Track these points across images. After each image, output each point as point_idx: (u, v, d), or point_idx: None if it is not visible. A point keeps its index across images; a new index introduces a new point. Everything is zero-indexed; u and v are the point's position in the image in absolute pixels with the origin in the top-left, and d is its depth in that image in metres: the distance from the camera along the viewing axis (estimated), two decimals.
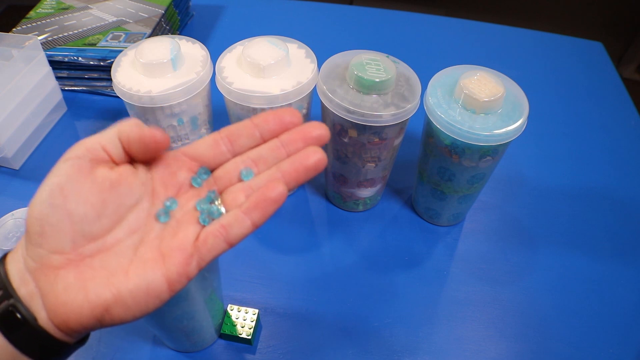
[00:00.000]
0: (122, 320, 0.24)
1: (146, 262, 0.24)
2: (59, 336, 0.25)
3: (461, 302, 0.54)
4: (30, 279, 0.24)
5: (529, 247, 0.59)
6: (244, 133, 0.27)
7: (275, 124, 0.27)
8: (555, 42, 0.91)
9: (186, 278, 0.24)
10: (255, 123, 0.27)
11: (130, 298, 0.24)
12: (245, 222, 0.25)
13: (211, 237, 0.25)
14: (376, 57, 0.50)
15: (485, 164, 0.50)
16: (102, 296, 0.24)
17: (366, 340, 0.50)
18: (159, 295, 0.24)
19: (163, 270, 0.24)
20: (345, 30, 0.91)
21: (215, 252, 0.25)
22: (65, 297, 0.24)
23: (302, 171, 0.26)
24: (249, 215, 0.25)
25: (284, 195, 0.25)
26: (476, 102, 0.47)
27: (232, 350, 0.49)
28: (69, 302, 0.24)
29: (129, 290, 0.24)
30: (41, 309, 0.24)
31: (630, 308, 0.54)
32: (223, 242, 0.25)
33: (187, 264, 0.24)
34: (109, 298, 0.24)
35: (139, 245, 0.25)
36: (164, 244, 0.25)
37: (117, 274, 0.24)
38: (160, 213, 0.26)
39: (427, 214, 0.60)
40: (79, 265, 0.24)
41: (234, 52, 0.54)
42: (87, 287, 0.24)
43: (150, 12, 0.79)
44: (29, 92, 0.64)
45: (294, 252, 0.58)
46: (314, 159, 0.26)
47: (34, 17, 0.78)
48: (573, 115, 0.76)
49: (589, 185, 0.66)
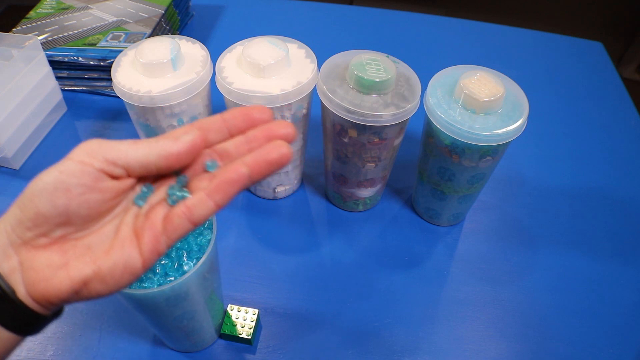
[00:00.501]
0: (98, 294, 0.26)
1: (124, 241, 0.26)
2: (37, 309, 0.26)
3: (461, 302, 0.54)
4: (14, 253, 0.25)
5: (529, 247, 0.59)
6: (214, 128, 0.28)
7: (243, 120, 0.28)
8: (555, 42, 0.91)
9: (157, 255, 0.26)
10: (225, 119, 0.28)
11: (108, 274, 0.25)
12: (208, 204, 0.26)
13: (176, 217, 0.26)
14: (376, 57, 0.50)
15: (485, 164, 0.50)
16: (83, 272, 0.25)
17: (366, 340, 0.50)
18: (133, 271, 0.26)
19: (138, 248, 0.26)
20: (345, 30, 0.91)
21: (181, 231, 0.26)
22: (48, 273, 0.25)
23: (264, 165, 0.26)
24: (211, 197, 0.26)
25: (244, 176, 0.26)
26: (476, 102, 0.47)
27: (232, 350, 0.49)
28: (51, 278, 0.25)
29: (108, 267, 0.25)
30: (20, 284, 0.25)
31: (630, 308, 0.54)
32: (187, 221, 0.26)
33: (158, 242, 0.26)
34: (89, 274, 0.25)
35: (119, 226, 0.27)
36: (138, 224, 0.27)
37: (97, 252, 0.26)
38: (137, 198, 0.27)
39: (427, 214, 0.60)
40: (63, 246, 0.26)
41: (234, 52, 0.54)
42: (70, 264, 0.25)
43: (150, 12, 0.79)
44: (29, 92, 0.64)
45: (294, 252, 0.58)
46: (277, 154, 0.26)
47: (34, 17, 0.78)
48: (573, 115, 0.76)
49: (589, 185, 0.66)
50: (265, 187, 0.62)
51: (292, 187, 0.63)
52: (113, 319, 0.51)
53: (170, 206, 0.27)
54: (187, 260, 0.37)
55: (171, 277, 0.36)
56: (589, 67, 0.86)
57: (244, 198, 0.63)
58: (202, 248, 0.38)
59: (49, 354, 0.48)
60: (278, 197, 0.63)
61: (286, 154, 0.26)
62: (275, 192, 0.62)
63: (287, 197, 0.64)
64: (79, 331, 0.50)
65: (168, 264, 0.36)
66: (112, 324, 0.50)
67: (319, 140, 0.60)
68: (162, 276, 0.36)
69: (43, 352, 0.48)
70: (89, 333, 0.50)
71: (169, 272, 0.36)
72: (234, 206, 0.62)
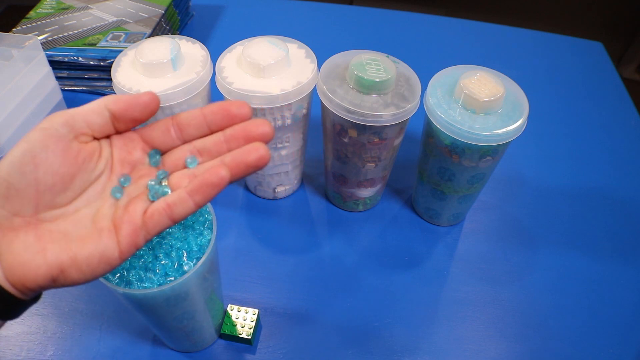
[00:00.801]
0: (74, 282, 0.26)
1: (101, 231, 0.26)
2: (15, 294, 0.26)
3: (461, 302, 0.54)
4: None
5: (529, 247, 0.59)
6: (193, 123, 0.29)
7: (222, 116, 0.28)
8: (555, 42, 0.91)
9: (135, 248, 0.27)
10: (204, 113, 0.28)
11: (85, 263, 0.26)
12: (188, 203, 0.26)
13: (157, 214, 0.27)
14: (376, 57, 0.50)
15: (485, 164, 0.50)
16: (60, 258, 0.25)
17: (366, 340, 0.50)
18: (110, 262, 0.26)
19: (115, 240, 0.26)
20: (345, 30, 0.91)
21: (160, 227, 0.27)
22: (25, 257, 0.25)
23: (243, 167, 0.27)
24: (192, 197, 0.26)
25: (225, 180, 0.26)
26: (476, 102, 0.47)
27: (232, 350, 0.49)
28: (28, 262, 0.25)
29: (85, 256, 0.26)
30: None
31: (630, 308, 0.54)
32: (167, 218, 0.27)
33: (137, 235, 0.26)
34: (66, 261, 0.25)
35: (95, 215, 0.27)
36: (117, 216, 0.27)
37: (74, 240, 0.26)
38: (115, 190, 0.28)
39: (427, 214, 0.60)
40: (37, 228, 0.26)
41: (234, 52, 0.54)
42: (46, 249, 0.25)
43: (150, 12, 0.79)
44: (29, 92, 0.64)
45: (294, 252, 0.58)
46: (255, 156, 0.26)
47: (34, 17, 0.78)
48: (573, 115, 0.76)
49: (589, 185, 0.66)
50: (265, 187, 0.62)
51: (292, 187, 0.63)
52: (113, 319, 0.51)
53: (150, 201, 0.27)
54: (187, 260, 0.37)
55: (171, 277, 0.36)
56: (589, 67, 0.86)
57: (244, 198, 0.63)
58: (202, 248, 0.38)
59: (49, 354, 0.48)
60: (278, 197, 0.63)
61: (264, 155, 0.26)
62: (275, 192, 0.62)
63: (287, 197, 0.64)
64: (79, 331, 0.50)
65: (168, 264, 0.36)
66: (112, 324, 0.50)
67: (319, 140, 0.60)
68: (162, 276, 0.36)
69: (43, 352, 0.48)
70: (89, 333, 0.50)
71: (169, 272, 0.36)
72: (234, 206, 0.62)
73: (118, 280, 0.36)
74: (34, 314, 0.51)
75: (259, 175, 0.60)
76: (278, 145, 0.55)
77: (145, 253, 0.37)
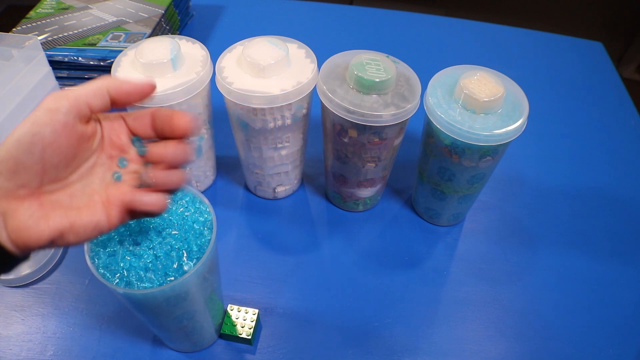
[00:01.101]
0: (69, 243, 0.30)
1: (96, 204, 0.31)
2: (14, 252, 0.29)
3: (461, 302, 0.54)
4: None
5: (529, 247, 0.59)
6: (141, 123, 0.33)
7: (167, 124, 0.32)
8: (555, 42, 0.91)
9: (121, 221, 0.32)
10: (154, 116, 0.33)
11: (81, 229, 0.30)
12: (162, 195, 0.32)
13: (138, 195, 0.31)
14: (376, 57, 0.50)
15: (485, 164, 0.50)
16: (61, 224, 0.29)
17: (366, 340, 0.50)
18: (101, 230, 0.31)
19: (106, 213, 0.31)
20: (345, 30, 0.91)
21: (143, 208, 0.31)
22: (30, 223, 0.28)
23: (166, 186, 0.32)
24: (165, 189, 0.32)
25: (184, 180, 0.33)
26: (476, 102, 0.47)
27: (232, 350, 0.49)
28: (33, 227, 0.28)
29: (82, 224, 0.30)
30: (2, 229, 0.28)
31: (630, 308, 0.54)
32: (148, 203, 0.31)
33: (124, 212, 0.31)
34: (66, 226, 0.29)
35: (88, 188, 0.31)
36: (109, 192, 0.32)
37: (72, 209, 0.30)
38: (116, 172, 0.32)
39: (427, 214, 0.60)
40: (40, 198, 0.29)
41: (234, 52, 0.54)
42: (49, 216, 0.29)
43: (150, 12, 0.79)
44: (29, 92, 0.63)
45: (294, 252, 0.58)
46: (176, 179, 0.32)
47: (34, 17, 0.78)
48: (573, 115, 0.76)
49: (589, 185, 0.66)
50: (265, 187, 0.62)
51: (292, 187, 0.63)
52: (113, 319, 0.51)
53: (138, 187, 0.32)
54: (187, 260, 0.37)
55: (171, 277, 0.36)
56: (589, 67, 0.86)
57: (244, 198, 0.63)
58: (202, 248, 0.38)
59: (49, 354, 0.48)
60: (278, 197, 0.63)
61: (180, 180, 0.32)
62: (275, 192, 0.62)
63: (287, 197, 0.64)
64: (79, 331, 0.50)
65: (168, 264, 0.36)
66: (112, 324, 0.50)
67: (319, 140, 0.60)
68: (162, 276, 0.36)
69: (43, 352, 0.48)
70: (89, 333, 0.50)
71: (169, 272, 0.36)
72: (234, 206, 0.62)
73: (118, 280, 0.36)
74: (34, 314, 0.51)
75: (259, 175, 0.60)
76: (278, 145, 0.55)
77: (145, 253, 0.37)
